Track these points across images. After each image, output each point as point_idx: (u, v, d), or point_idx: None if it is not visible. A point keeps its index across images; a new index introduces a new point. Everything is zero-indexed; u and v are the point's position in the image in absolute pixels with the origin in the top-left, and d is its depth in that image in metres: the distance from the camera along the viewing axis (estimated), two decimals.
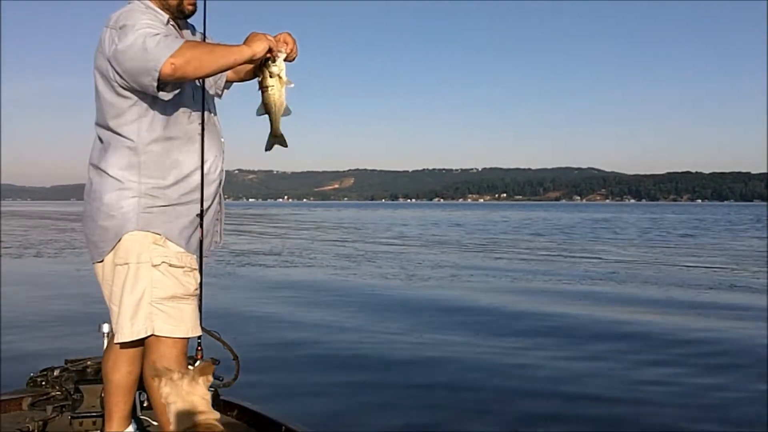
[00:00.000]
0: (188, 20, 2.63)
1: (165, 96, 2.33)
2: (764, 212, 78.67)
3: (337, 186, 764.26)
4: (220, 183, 2.69)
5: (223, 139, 2.72)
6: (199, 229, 2.56)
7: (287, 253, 19.27)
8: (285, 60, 2.48)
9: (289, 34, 2.50)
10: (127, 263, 2.43)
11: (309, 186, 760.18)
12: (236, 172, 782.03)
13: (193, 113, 2.53)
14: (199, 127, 2.54)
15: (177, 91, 2.37)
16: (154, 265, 2.42)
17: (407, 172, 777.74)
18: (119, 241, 2.44)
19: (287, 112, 2.57)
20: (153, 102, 2.40)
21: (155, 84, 2.26)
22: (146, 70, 2.23)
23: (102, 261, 2.52)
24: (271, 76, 2.49)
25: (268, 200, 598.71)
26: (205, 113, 2.59)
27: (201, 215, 2.55)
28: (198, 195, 2.53)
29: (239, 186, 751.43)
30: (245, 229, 34.80)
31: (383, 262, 16.46)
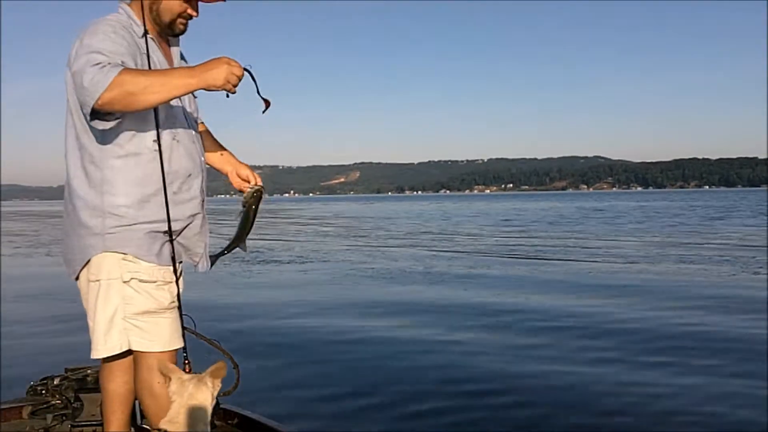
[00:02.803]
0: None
1: (97, 125, 2.26)
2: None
3: (343, 180, 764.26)
4: (201, 203, 2.60)
5: (203, 158, 2.63)
6: (170, 242, 2.48)
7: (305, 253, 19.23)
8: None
9: (247, 168, 2.79)
10: (98, 280, 2.40)
11: (315, 180, 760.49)
12: None
13: (162, 129, 2.42)
14: (170, 143, 2.45)
15: (118, 120, 2.28)
16: (125, 282, 2.38)
17: (413, 164, 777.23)
18: (89, 261, 2.41)
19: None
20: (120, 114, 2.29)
21: (88, 118, 2.22)
22: (83, 104, 2.19)
23: (78, 278, 2.50)
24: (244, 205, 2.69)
25: (275, 195, 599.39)
26: (180, 129, 2.50)
27: (170, 232, 2.46)
28: (169, 213, 2.43)
29: None
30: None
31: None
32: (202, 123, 2.82)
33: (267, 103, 2.41)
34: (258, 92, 2.43)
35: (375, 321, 8.25)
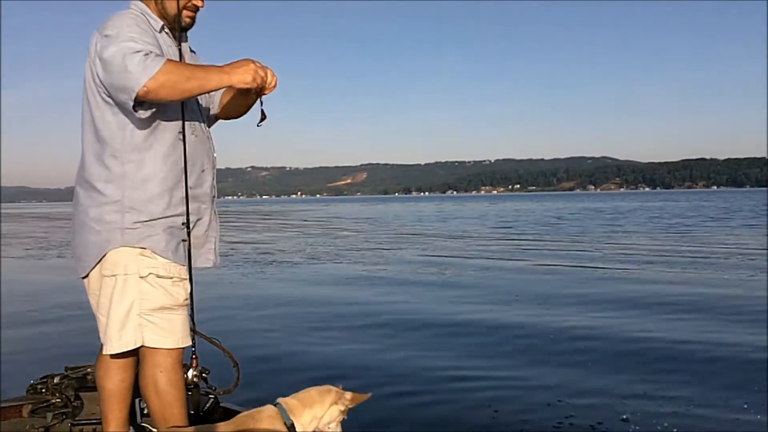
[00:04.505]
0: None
1: (141, 115, 2.29)
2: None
3: (350, 181, 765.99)
4: (212, 199, 2.63)
5: (215, 155, 2.66)
6: (188, 237, 2.51)
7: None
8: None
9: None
10: (114, 275, 2.40)
11: (322, 181, 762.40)
12: (249, 169, 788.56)
13: (179, 123, 2.46)
14: (189, 137, 2.49)
15: (153, 110, 2.32)
16: (142, 277, 2.39)
17: (419, 165, 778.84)
18: (104, 255, 2.41)
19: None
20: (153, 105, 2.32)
21: (131, 104, 2.22)
22: (124, 89, 2.20)
23: (87, 276, 2.49)
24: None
25: (282, 197, 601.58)
26: (196, 124, 2.54)
27: (187, 224, 2.49)
28: (183, 208, 2.47)
29: (252, 183, 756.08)
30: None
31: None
32: None
33: (263, 117, 2.52)
34: (260, 103, 2.52)
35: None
